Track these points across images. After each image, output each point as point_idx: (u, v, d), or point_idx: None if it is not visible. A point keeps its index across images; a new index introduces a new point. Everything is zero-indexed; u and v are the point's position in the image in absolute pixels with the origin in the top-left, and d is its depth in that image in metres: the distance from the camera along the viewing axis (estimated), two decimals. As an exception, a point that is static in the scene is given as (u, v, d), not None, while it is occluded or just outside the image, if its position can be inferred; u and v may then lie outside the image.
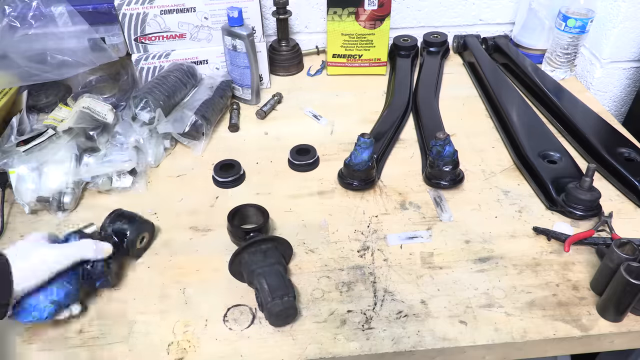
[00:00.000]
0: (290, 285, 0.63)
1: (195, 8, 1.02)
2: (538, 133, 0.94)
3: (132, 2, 0.98)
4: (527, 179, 0.86)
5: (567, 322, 0.63)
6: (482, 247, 0.74)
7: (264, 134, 1.01)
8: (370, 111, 1.06)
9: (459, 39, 1.27)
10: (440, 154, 0.81)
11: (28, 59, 0.94)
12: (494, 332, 0.62)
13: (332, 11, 1.10)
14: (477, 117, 1.05)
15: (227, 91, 1.05)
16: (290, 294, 0.62)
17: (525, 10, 1.20)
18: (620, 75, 1.17)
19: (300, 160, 0.90)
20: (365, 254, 0.73)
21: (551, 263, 0.72)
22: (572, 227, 0.77)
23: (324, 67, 1.22)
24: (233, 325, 0.64)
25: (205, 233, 0.78)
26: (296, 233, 0.77)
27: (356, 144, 0.81)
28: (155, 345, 0.62)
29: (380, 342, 0.61)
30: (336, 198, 0.84)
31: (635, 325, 0.63)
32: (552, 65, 1.16)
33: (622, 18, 1.07)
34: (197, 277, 0.70)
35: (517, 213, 0.80)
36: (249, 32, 1.00)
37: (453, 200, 0.83)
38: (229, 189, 0.86)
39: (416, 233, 0.77)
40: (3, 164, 0.81)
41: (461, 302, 0.66)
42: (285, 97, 1.11)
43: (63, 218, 0.80)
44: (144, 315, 0.65)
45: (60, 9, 0.95)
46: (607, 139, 0.92)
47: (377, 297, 0.67)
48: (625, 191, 0.84)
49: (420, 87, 1.12)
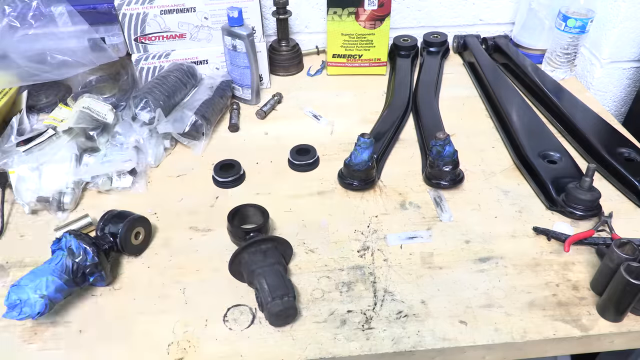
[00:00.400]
0: (290, 285, 0.63)
1: (195, 8, 1.02)
2: (538, 133, 0.94)
3: (132, 2, 0.98)
4: (527, 179, 0.86)
5: (567, 322, 0.63)
6: (482, 247, 0.74)
7: (264, 134, 1.01)
8: (370, 111, 1.06)
9: (459, 39, 1.27)
10: (440, 154, 0.81)
11: (28, 59, 0.94)
12: (493, 332, 0.62)
13: (332, 11, 1.10)
14: (477, 117, 1.05)
15: (227, 91, 1.05)
16: (290, 294, 0.62)
17: (525, 10, 1.20)
18: (620, 75, 1.17)
19: (300, 160, 0.90)
20: (365, 254, 0.73)
21: (551, 263, 0.72)
22: (572, 227, 0.77)
23: (324, 67, 1.22)
24: (233, 325, 0.64)
25: (205, 233, 0.78)
26: (296, 233, 0.77)
27: (356, 144, 0.81)
28: (155, 345, 0.62)
29: (380, 342, 0.61)
30: (336, 198, 0.84)
31: (635, 325, 0.63)
32: (552, 65, 1.16)
33: (622, 18, 1.07)
34: (197, 277, 0.70)
35: (517, 213, 0.80)
36: (249, 32, 1.00)
37: (453, 200, 0.83)
38: (229, 189, 0.86)
39: (416, 233, 0.77)
40: (3, 164, 0.81)
41: (461, 302, 0.66)
42: (285, 97, 1.11)
43: (63, 218, 0.80)
44: (144, 315, 0.65)
45: (60, 9, 0.95)
46: (607, 139, 0.92)
47: (377, 297, 0.67)
48: (625, 191, 0.84)
49: (420, 87, 1.12)
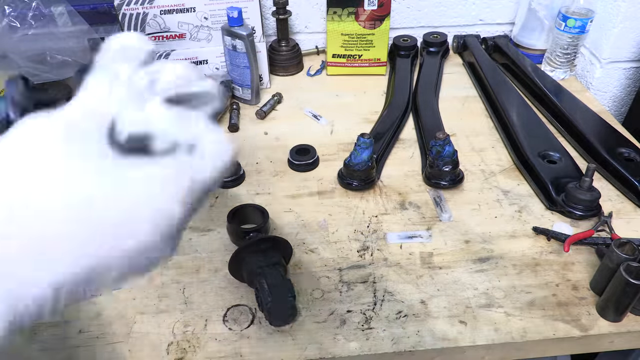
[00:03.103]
0: (290, 285, 0.63)
1: (195, 8, 1.02)
2: (538, 133, 0.94)
3: (132, 2, 0.98)
4: (527, 179, 0.86)
5: (566, 322, 0.63)
6: (481, 247, 0.74)
7: (264, 134, 1.01)
8: (370, 111, 1.06)
9: (459, 39, 1.27)
10: (440, 154, 0.81)
11: (28, 59, 0.94)
12: (493, 332, 0.62)
13: (332, 11, 1.10)
14: (477, 117, 1.05)
15: (227, 91, 1.05)
16: (290, 294, 0.62)
17: (525, 10, 1.20)
18: (620, 75, 1.17)
19: (300, 160, 0.90)
20: (365, 254, 0.73)
21: (551, 263, 0.72)
22: (571, 227, 0.77)
23: (323, 67, 1.22)
24: (233, 326, 0.64)
25: (205, 233, 0.78)
26: (296, 233, 0.77)
27: (356, 144, 0.81)
28: (155, 345, 0.62)
29: (380, 342, 0.62)
30: (336, 198, 0.84)
31: (635, 325, 0.63)
32: (552, 65, 1.16)
33: (622, 18, 1.07)
34: (197, 277, 0.70)
35: (517, 213, 0.80)
36: (249, 32, 1.00)
37: (453, 200, 0.83)
38: (228, 189, 0.86)
39: (416, 233, 0.77)
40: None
41: (461, 302, 0.66)
42: (285, 97, 1.11)
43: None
44: (144, 315, 0.65)
45: (60, 9, 0.95)
46: (607, 139, 0.92)
47: (377, 297, 0.67)
48: (625, 191, 0.84)
49: (420, 87, 1.12)
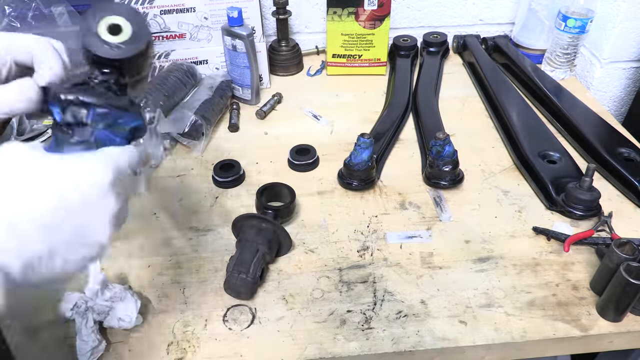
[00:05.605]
0: (255, 267, 0.65)
1: (195, 8, 1.02)
2: (538, 133, 0.94)
3: (132, 2, 0.98)
4: (527, 179, 0.86)
5: (566, 322, 0.63)
6: (481, 247, 0.74)
7: (264, 134, 1.01)
8: (370, 111, 1.06)
9: (459, 39, 1.27)
10: (440, 154, 0.81)
11: (28, 59, 0.94)
12: (493, 332, 0.62)
13: (332, 11, 1.10)
14: (477, 117, 1.05)
15: (227, 91, 1.05)
16: (249, 274, 0.64)
17: (525, 10, 1.20)
18: (620, 75, 1.17)
19: (300, 160, 0.90)
20: (365, 253, 0.74)
21: (551, 263, 0.72)
22: (571, 227, 0.77)
23: (323, 67, 1.22)
24: (233, 325, 0.64)
25: (205, 233, 0.78)
26: (296, 233, 0.77)
27: (356, 144, 0.81)
28: (155, 345, 0.62)
29: (380, 342, 0.62)
30: (336, 198, 0.84)
31: (634, 325, 0.63)
32: (552, 65, 1.16)
33: (622, 18, 1.07)
34: (197, 277, 0.70)
35: (517, 213, 0.80)
36: (249, 32, 1.00)
37: (453, 200, 0.83)
38: (228, 189, 0.86)
39: (416, 233, 0.77)
40: (3, 164, 0.81)
41: (461, 302, 0.66)
42: (285, 97, 1.11)
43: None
44: (144, 315, 0.65)
45: (60, 9, 0.95)
46: (607, 139, 0.92)
47: (377, 297, 0.67)
48: (625, 191, 0.84)
49: (420, 87, 1.12)
